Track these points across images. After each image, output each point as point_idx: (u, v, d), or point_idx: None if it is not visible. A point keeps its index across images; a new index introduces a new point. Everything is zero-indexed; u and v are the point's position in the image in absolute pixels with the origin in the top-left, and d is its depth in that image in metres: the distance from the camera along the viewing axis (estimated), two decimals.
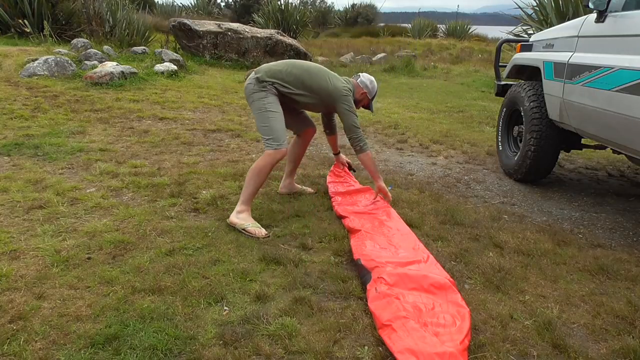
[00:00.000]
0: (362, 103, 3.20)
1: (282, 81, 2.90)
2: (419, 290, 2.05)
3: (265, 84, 2.88)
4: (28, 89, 6.02)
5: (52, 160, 3.72)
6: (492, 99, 7.62)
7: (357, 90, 3.13)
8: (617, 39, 2.82)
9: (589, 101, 2.95)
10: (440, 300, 2.00)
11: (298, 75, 2.93)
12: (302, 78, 2.93)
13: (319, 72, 3.00)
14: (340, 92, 2.96)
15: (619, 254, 2.67)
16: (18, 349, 1.70)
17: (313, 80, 2.95)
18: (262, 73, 2.91)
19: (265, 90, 2.88)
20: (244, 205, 2.81)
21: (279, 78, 2.90)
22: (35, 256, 2.33)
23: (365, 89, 3.16)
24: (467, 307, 1.97)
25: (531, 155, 3.60)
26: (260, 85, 2.88)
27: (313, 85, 2.94)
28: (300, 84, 2.93)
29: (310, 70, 2.98)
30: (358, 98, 3.13)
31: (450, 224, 2.96)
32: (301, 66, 3.01)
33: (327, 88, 2.95)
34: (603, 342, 1.91)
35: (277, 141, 2.82)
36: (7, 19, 9.51)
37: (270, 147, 2.82)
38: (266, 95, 2.87)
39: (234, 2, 24.19)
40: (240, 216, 2.77)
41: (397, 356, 1.67)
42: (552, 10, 7.61)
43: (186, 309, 1.98)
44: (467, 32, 20.21)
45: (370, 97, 3.20)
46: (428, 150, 4.74)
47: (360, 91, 3.15)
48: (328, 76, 3.01)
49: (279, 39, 10.24)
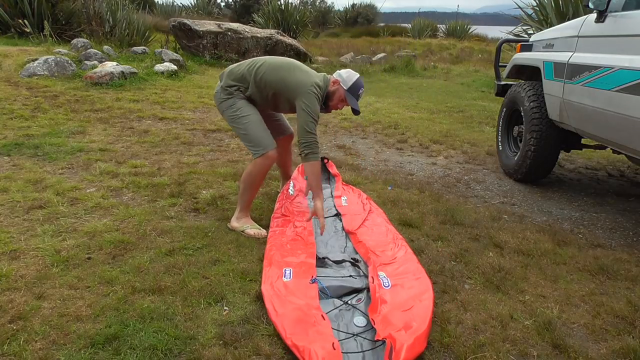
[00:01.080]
0: (338, 97, 2.74)
1: (245, 83, 2.70)
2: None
3: (231, 89, 2.71)
4: (28, 89, 6.02)
5: (52, 160, 3.72)
6: (492, 99, 7.62)
7: (331, 84, 2.74)
8: (617, 39, 2.82)
9: (589, 101, 2.95)
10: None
11: (262, 73, 2.67)
12: (265, 76, 2.67)
13: (283, 66, 2.70)
14: (302, 87, 2.61)
15: (619, 254, 2.67)
16: (18, 349, 1.70)
17: (276, 76, 2.66)
18: (224, 79, 2.75)
19: (232, 96, 2.71)
20: (242, 212, 2.78)
21: (243, 81, 2.70)
22: (35, 256, 2.33)
23: (339, 78, 2.74)
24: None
25: (531, 155, 3.59)
26: (226, 93, 2.72)
27: (276, 82, 2.66)
28: (265, 83, 2.67)
29: (274, 65, 2.70)
30: (331, 90, 2.73)
31: (450, 224, 2.96)
32: (266, 63, 2.71)
33: (287, 82, 2.64)
34: (603, 342, 1.91)
35: (260, 146, 2.66)
36: (7, 19, 9.50)
37: (256, 154, 2.67)
38: (234, 102, 2.71)
39: (234, 2, 24.17)
40: (240, 220, 2.76)
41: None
42: (552, 10, 7.60)
43: (186, 309, 1.98)
44: (467, 32, 20.20)
45: (345, 87, 2.72)
46: (428, 150, 4.74)
47: (332, 80, 2.75)
48: (294, 69, 2.69)
49: (279, 39, 10.24)
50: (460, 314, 2.04)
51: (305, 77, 2.66)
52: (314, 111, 2.61)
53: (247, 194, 2.76)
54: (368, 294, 2.10)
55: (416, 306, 1.97)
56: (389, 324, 1.82)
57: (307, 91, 2.60)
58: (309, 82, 2.62)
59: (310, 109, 2.60)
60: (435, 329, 1.93)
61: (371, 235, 2.61)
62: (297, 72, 2.68)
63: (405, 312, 1.93)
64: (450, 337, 1.87)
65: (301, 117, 2.61)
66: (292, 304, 1.95)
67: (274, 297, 1.99)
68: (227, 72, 2.77)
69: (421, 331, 1.80)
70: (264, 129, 2.71)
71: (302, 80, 2.64)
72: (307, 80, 2.63)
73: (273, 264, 2.26)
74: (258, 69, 2.68)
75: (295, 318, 1.86)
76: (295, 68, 2.71)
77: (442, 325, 1.95)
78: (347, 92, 2.72)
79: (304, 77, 2.65)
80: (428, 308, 1.96)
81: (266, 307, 1.96)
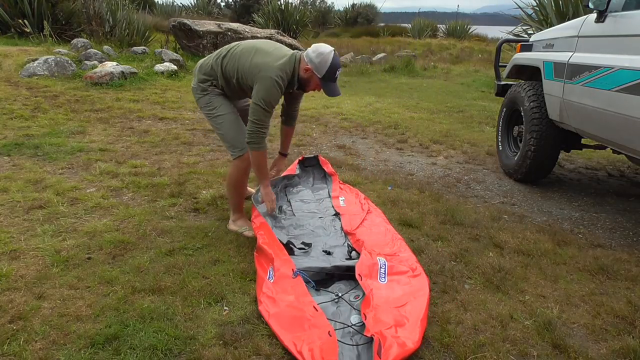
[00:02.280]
0: (313, 84, 2.47)
1: (214, 76, 2.55)
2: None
3: (205, 85, 2.57)
4: (28, 89, 6.02)
5: (52, 160, 3.72)
6: (492, 99, 7.62)
7: (302, 70, 2.44)
8: (617, 39, 2.82)
9: (589, 101, 2.95)
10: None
11: (225, 63, 2.51)
12: (228, 66, 2.50)
13: (244, 52, 2.49)
14: (259, 71, 2.38)
15: (619, 254, 2.67)
16: (18, 349, 1.70)
17: (237, 63, 2.47)
18: (197, 74, 2.61)
19: (207, 92, 2.57)
20: (236, 214, 2.77)
21: (212, 74, 2.56)
22: (35, 256, 2.33)
23: (310, 64, 2.40)
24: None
25: (531, 155, 3.59)
26: (201, 89, 2.58)
27: (236, 70, 2.47)
28: (228, 72, 2.51)
29: (236, 53, 2.51)
30: (304, 77, 2.45)
31: (450, 224, 2.96)
32: (230, 52, 2.54)
33: (245, 68, 2.44)
34: (603, 342, 1.91)
35: (237, 147, 2.56)
36: (7, 19, 9.51)
37: (234, 155, 2.59)
38: (210, 99, 2.57)
39: (234, 2, 24.17)
40: (237, 223, 2.75)
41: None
42: (552, 10, 7.61)
43: (186, 309, 1.98)
44: (467, 32, 20.20)
45: (319, 74, 2.41)
46: (428, 150, 4.74)
47: (304, 67, 2.43)
48: (254, 53, 2.45)
49: (278, 39, 10.23)
50: (460, 314, 2.04)
51: (264, 60, 2.40)
52: (264, 98, 2.37)
53: (234, 196, 2.74)
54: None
55: (410, 303, 1.97)
56: (379, 321, 1.83)
57: (263, 76, 2.37)
58: (267, 67, 2.38)
59: (260, 96, 2.37)
60: (435, 329, 1.93)
61: (370, 235, 2.61)
62: (258, 56, 2.44)
63: (398, 308, 1.93)
64: (450, 337, 1.87)
65: (251, 105, 2.42)
66: (283, 302, 1.96)
67: (266, 300, 2.00)
68: (198, 66, 2.64)
69: (413, 329, 1.81)
70: (240, 129, 2.57)
71: (259, 64, 2.40)
72: (265, 65, 2.38)
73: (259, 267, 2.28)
74: (223, 60, 2.53)
75: (289, 316, 1.86)
76: (257, 51, 2.46)
77: (442, 325, 1.95)
78: (322, 80, 2.43)
79: (263, 60, 2.41)
80: (422, 305, 1.96)
81: (261, 313, 1.95)
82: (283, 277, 2.12)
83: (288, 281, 2.09)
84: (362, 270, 2.15)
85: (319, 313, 1.87)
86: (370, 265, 2.20)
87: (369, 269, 2.17)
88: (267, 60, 2.41)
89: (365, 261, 2.22)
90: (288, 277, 2.11)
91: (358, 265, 2.18)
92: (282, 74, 2.39)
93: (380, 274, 2.16)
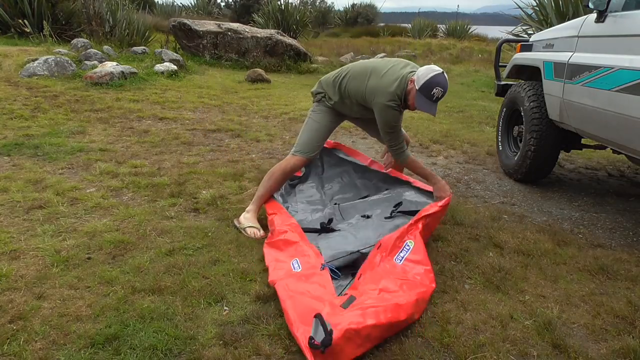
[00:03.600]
0: (412, 97, 2.52)
1: (329, 92, 2.77)
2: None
3: (318, 96, 2.83)
4: (28, 89, 6.02)
5: (52, 160, 3.72)
6: (492, 99, 7.62)
7: (409, 82, 2.51)
8: (617, 39, 2.82)
9: (589, 101, 2.95)
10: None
11: (345, 84, 2.67)
12: (348, 87, 2.66)
13: (360, 74, 2.62)
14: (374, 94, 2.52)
15: (619, 254, 2.67)
16: (18, 349, 1.70)
17: (354, 86, 2.63)
18: (317, 85, 2.85)
19: (318, 102, 2.84)
20: (253, 205, 2.80)
21: (328, 90, 2.77)
22: (35, 256, 2.33)
23: (415, 76, 2.49)
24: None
25: (531, 155, 3.59)
26: (315, 99, 2.87)
27: (355, 92, 2.64)
28: (351, 92, 2.67)
29: (354, 75, 2.65)
30: (407, 89, 2.52)
31: (450, 224, 2.96)
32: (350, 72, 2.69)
33: (361, 91, 2.60)
34: (603, 342, 1.91)
35: (300, 148, 2.78)
36: (7, 19, 9.51)
37: (294, 152, 2.80)
38: (316, 107, 2.84)
39: (234, 2, 24.16)
40: (246, 216, 2.75)
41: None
42: (552, 10, 7.61)
43: (186, 309, 1.98)
44: (467, 32, 20.19)
45: (416, 86, 2.45)
46: (428, 150, 4.74)
47: (410, 79, 2.51)
48: (370, 75, 2.56)
49: (279, 39, 10.24)
50: (460, 314, 2.04)
51: (378, 84, 2.51)
52: (385, 124, 2.57)
53: (263, 188, 2.80)
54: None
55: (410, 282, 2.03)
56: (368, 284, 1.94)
57: (377, 103, 2.52)
58: (380, 92, 2.50)
59: (381, 124, 2.58)
60: (435, 329, 1.93)
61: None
62: (372, 79, 2.55)
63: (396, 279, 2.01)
64: (450, 337, 1.87)
65: (380, 128, 2.62)
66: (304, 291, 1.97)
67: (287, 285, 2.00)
68: (323, 78, 2.85)
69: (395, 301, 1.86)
70: (318, 137, 2.78)
71: (374, 88, 2.53)
72: (379, 90, 2.51)
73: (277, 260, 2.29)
74: (342, 80, 2.69)
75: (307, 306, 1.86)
76: (372, 73, 2.57)
77: (442, 325, 1.95)
78: (418, 92, 2.47)
79: (377, 84, 2.52)
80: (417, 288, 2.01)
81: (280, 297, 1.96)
82: (311, 268, 2.15)
83: (315, 271, 2.13)
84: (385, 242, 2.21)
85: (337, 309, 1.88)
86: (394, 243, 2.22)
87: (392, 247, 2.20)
88: (381, 84, 2.52)
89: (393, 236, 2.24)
90: (316, 268, 2.15)
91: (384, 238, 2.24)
92: (394, 97, 2.50)
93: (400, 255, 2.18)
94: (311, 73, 10.04)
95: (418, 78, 2.46)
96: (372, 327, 1.71)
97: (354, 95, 2.65)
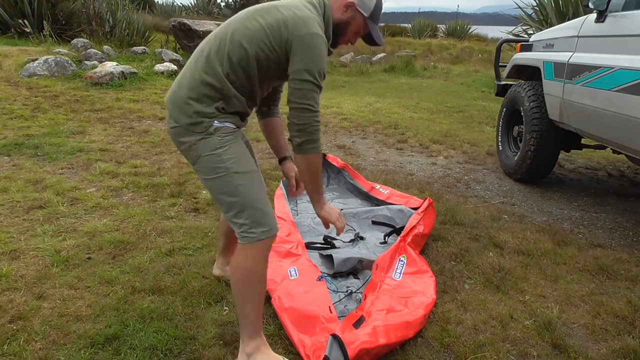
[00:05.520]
0: (355, 28, 1.74)
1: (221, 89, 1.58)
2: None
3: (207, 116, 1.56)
4: (28, 89, 6.02)
5: (52, 160, 3.72)
6: (492, 99, 7.62)
7: (340, 9, 1.67)
8: (617, 39, 2.82)
9: (589, 101, 2.95)
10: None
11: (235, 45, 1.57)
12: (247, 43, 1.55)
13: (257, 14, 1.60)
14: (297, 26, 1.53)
15: (619, 254, 2.67)
16: (18, 349, 1.70)
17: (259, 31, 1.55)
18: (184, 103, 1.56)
19: (212, 132, 1.57)
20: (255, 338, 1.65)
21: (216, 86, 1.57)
22: (35, 256, 2.33)
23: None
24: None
25: (531, 155, 3.59)
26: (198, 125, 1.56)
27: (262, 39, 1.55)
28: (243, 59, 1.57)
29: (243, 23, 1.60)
30: (342, 18, 1.68)
31: (450, 224, 2.96)
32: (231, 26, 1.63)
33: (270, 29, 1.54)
34: (603, 342, 1.91)
35: (263, 224, 1.58)
36: (7, 19, 9.51)
37: (254, 237, 1.56)
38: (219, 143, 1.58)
39: (234, 2, 24.15)
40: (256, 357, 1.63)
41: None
42: (552, 10, 7.61)
43: (186, 309, 1.98)
44: (467, 32, 20.19)
45: (366, 13, 1.70)
46: (428, 150, 4.74)
47: (342, 3, 1.66)
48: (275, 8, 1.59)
49: None
50: (460, 314, 2.04)
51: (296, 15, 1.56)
52: (314, 68, 1.55)
53: (252, 304, 1.63)
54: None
55: (413, 298, 2.02)
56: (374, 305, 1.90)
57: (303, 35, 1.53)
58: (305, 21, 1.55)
59: (307, 66, 1.54)
60: (435, 329, 1.93)
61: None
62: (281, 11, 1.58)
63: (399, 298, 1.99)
64: (450, 337, 1.87)
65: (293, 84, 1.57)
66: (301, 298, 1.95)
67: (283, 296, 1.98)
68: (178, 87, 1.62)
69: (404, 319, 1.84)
70: (262, 193, 1.65)
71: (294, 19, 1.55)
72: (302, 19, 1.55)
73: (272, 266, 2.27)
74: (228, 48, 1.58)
75: (304, 314, 1.85)
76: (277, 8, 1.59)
77: (442, 325, 1.95)
78: (369, 19, 1.72)
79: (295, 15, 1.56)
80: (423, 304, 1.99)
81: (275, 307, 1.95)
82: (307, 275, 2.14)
83: (311, 280, 2.10)
84: (381, 262, 2.21)
85: (332, 315, 1.86)
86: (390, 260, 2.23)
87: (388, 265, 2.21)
88: (299, 13, 1.57)
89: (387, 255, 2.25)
90: (312, 278, 2.11)
91: (379, 258, 2.24)
92: (321, 27, 1.59)
93: (397, 271, 2.20)
94: None
95: (363, 1, 1.67)
96: (383, 346, 1.73)
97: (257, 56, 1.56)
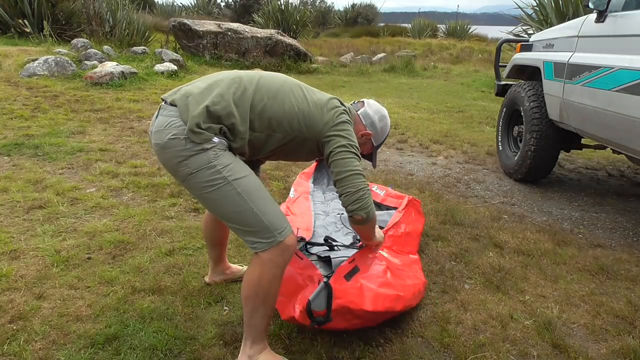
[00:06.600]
0: (361, 150, 1.82)
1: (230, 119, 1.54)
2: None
3: (207, 133, 1.51)
4: (28, 89, 6.02)
5: (52, 160, 3.72)
6: (492, 99, 7.62)
7: (356, 127, 1.82)
8: (617, 39, 2.82)
9: (589, 101, 2.95)
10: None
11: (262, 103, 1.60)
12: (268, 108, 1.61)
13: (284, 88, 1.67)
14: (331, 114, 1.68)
15: (619, 254, 2.67)
16: (18, 349, 1.70)
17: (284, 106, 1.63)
18: (195, 116, 1.50)
19: (208, 147, 1.51)
20: (258, 343, 1.65)
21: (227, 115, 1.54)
22: (35, 256, 2.33)
23: (371, 129, 1.87)
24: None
25: (531, 155, 3.60)
26: (198, 138, 1.50)
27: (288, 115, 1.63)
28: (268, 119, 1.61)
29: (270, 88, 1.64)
30: (357, 141, 1.74)
31: (450, 224, 2.96)
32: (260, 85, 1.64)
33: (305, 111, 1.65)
34: (603, 342, 1.91)
35: (275, 228, 1.54)
36: (7, 19, 9.51)
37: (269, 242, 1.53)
38: (214, 156, 1.51)
39: (234, 2, 24.17)
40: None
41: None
42: (552, 10, 7.61)
43: (186, 309, 1.98)
44: (467, 32, 20.22)
45: (375, 143, 1.92)
46: (428, 150, 4.74)
47: (360, 129, 1.85)
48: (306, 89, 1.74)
49: (279, 39, 10.24)
50: (460, 314, 2.04)
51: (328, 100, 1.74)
52: (353, 143, 1.68)
53: (261, 313, 1.60)
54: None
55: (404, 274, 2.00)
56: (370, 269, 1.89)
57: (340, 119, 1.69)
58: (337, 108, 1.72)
59: (347, 142, 1.66)
60: (435, 329, 1.93)
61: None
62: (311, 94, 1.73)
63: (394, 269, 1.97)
64: (450, 337, 1.87)
65: (342, 156, 1.64)
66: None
67: None
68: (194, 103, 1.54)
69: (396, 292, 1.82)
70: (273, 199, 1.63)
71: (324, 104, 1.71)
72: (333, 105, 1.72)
73: None
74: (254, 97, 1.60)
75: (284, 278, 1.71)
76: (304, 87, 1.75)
77: (442, 325, 1.95)
78: (375, 148, 1.95)
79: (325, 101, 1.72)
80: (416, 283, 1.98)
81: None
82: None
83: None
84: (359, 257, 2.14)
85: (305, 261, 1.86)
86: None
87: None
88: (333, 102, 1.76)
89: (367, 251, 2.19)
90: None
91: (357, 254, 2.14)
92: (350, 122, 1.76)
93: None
94: (311, 73, 10.04)
95: (377, 132, 1.88)
96: (368, 312, 1.70)
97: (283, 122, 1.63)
